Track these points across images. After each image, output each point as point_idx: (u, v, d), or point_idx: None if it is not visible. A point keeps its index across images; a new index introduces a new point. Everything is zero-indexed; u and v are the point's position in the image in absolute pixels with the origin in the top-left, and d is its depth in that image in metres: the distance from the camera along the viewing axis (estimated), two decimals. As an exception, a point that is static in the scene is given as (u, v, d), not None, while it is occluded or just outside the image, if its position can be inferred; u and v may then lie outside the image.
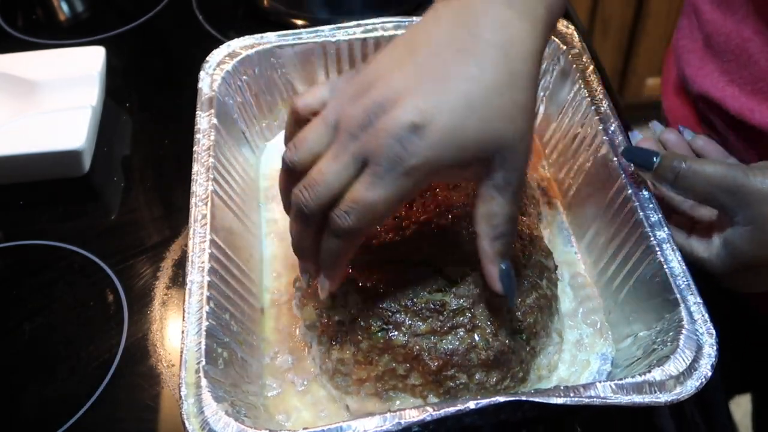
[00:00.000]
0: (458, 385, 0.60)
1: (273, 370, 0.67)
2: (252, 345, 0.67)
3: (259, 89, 0.85)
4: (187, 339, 0.59)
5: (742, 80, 0.75)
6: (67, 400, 0.70)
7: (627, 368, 0.62)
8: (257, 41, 0.84)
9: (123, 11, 1.15)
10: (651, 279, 0.63)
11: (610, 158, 0.70)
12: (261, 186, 0.84)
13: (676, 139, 0.73)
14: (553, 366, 0.66)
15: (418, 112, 0.50)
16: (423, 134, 0.50)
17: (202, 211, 0.68)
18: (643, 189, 0.67)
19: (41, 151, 0.85)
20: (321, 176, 0.53)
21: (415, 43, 0.54)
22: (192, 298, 0.61)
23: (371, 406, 0.62)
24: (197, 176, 0.71)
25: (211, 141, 0.74)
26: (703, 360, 0.55)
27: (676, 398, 0.53)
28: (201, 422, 0.54)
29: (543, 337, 0.65)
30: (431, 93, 0.50)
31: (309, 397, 0.65)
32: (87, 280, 0.80)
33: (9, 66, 0.94)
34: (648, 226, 0.64)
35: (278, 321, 0.71)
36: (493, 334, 0.61)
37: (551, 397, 0.53)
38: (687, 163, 0.61)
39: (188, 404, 0.55)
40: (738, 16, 0.74)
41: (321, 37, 0.84)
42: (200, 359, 0.58)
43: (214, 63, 0.82)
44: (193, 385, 0.56)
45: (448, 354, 0.60)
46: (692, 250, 0.65)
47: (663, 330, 0.60)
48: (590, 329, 0.69)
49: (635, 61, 2.06)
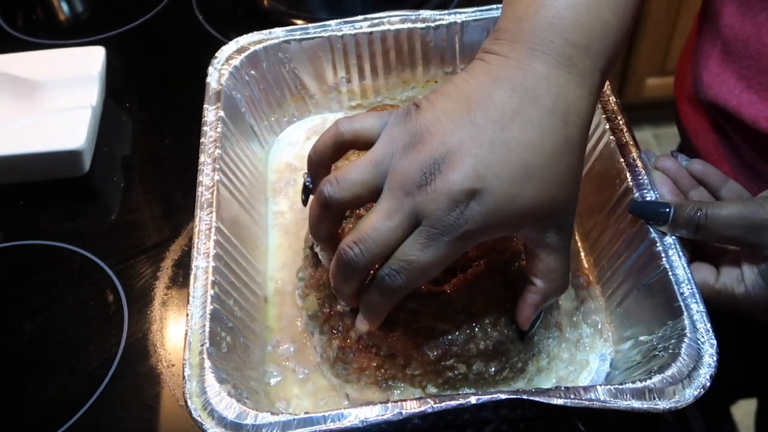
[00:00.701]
0: (457, 375, 0.61)
1: (275, 357, 0.68)
2: (255, 332, 0.67)
3: (267, 84, 0.86)
4: (191, 322, 0.60)
5: (761, 86, 0.74)
6: (67, 400, 0.70)
7: (626, 371, 0.63)
8: (265, 37, 0.85)
9: (123, 11, 1.15)
10: (655, 284, 0.62)
11: (617, 158, 0.70)
12: (269, 179, 0.84)
13: (673, 166, 0.70)
14: (552, 358, 0.66)
15: (476, 178, 0.49)
16: (480, 201, 0.50)
17: (209, 200, 0.68)
18: (652, 191, 0.66)
19: (41, 151, 0.85)
20: (374, 233, 0.52)
21: (473, 102, 0.52)
22: (197, 283, 0.62)
23: (371, 394, 0.63)
24: (203, 167, 0.71)
25: (217, 133, 0.74)
26: (703, 369, 0.55)
27: (674, 406, 0.53)
28: (203, 402, 0.55)
29: (542, 329, 0.65)
30: (490, 158, 0.50)
31: (309, 386, 0.66)
32: (87, 280, 0.80)
33: (9, 66, 0.94)
34: (654, 231, 0.64)
35: (281, 310, 0.72)
36: (492, 325, 0.61)
37: (552, 398, 0.53)
38: (702, 211, 0.60)
39: (191, 384, 0.56)
40: (758, 20, 0.73)
41: (328, 31, 0.85)
42: (204, 341, 0.58)
43: (223, 59, 0.83)
44: (197, 366, 0.57)
45: (447, 344, 0.60)
46: (725, 289, 0.63)
47: (665, 337, 0.60)
48: (590, 329, 0.69)
49: (635, 61, 2.06)
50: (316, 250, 0.67)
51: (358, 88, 0.89)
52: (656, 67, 2.08)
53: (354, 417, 0.52)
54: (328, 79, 0.88)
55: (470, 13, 0.85)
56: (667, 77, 2.11)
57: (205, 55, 0.83)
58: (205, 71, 0.81)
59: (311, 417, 0.53)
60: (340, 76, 0.88)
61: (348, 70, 0.88)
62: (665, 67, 2.07)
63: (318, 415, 0.53)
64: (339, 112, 0.91)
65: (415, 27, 0.85)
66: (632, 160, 0.69)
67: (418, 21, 0.85)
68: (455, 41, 0.86)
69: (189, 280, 0.62)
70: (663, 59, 2.05)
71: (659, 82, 2.12)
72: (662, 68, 2.08)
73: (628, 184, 0.68)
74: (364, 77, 0.88)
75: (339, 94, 0.90)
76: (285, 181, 0.84)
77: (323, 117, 0.91)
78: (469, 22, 0.85)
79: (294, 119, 0.90)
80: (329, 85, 0.89)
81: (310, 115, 0.91)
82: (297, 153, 0.87)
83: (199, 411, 0.54)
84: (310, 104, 0.90)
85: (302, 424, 0.53)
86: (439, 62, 0.88)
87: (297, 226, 0.79)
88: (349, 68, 0.87)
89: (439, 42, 0.86)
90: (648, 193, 0.66)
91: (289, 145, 0.88)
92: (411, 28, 0.85)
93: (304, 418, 0.53)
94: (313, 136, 0.88)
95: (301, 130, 0.89)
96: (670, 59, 2.05)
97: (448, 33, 0.85)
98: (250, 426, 0.53)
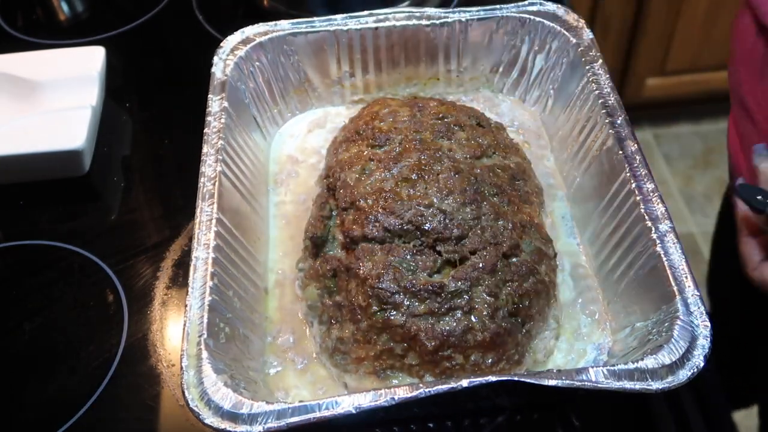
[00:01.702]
0: (454, 366, 0.61)
1: (275, 348, 0.69)
2: (255, 323, 0.68)
3: (272, 76, 0.86)
4: (189, 312, 0.60)
5: None
6: (67, 400, 0.70)
7: (623, 358, 0.63)
8: (271, 28, 0.85)
9: (123, 11, 1.15)
10: (651, 271, 0.63)
11: (616, 151, 0.70)
12: (270, 170, 0.85)
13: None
14: (549, 351, 0.66)
15: None
16: None
17: (210, 191, 0.68)
18: (648, 182, 0.67)
19: (41, 151, 0.85)
20: None
21: None
22: (197, 274, 0.62)
23: (369, 384, 0.63)
24: (206, 157, 0.72)
25: (221, 124, 0.75)
26: (697, 351, 0.56)
27: (668, 386, 0.53)
28: (200, 392, 0.55)
29: (539, 321, 0.66)
30: None
31: (308, 376, 0.67)
32: (87, 280, 0.80)
33: (9, 66, 0.94)
34: (650, 219, 0.64)
35: (281, 301, 0.72)
36: (490, 317, 0.62)
37: (543, 379, 0.53)
38: None
39: (189, 375, 0.56)
40: None
41: (334, 25, 0.85)
42: (202, 332, 0.59)
43: (228, 49, 0.83)
44: (194, 357, 0.57)
45: (445, 335, 0.61)
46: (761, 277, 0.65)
47: (659, 321, 0.60)
48: (589, 319, 0.69)
49: (635, 61, 2.06)
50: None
51: (361, 82, 0.90)
52: (656, 67, 2.08)
53: (348, 404, 0.53)
54: (332, 72, 0.89)
55: (474, 12, 0.86)
56: (667, 77, 2.11)
57: (205, 54, 0.83)
58: (206, 71, 0.81)
59: (305, 405, 0.53)
60: (343, 71, 0.89)
61: (352, 64, 0.88)
62: (665, 67, 2.07)
63: (312, 403, 0.53)
64: (341, 106, 0.91)
65: (420, 24, 0.85)
66: (630, 153, 0.69)
67: (423, 18, 0.85)
68: (458, 39, 0.87)
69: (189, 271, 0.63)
70: (663, 59, 2.05)
71: (659, 82, 2.12)
72: (662, 68, 2.08)
73: (626, 176, 0.68)
74: (368, 72, 0.89)
75: (342, 88, 0.90)
76: (287, 172, 0.84)
77: (325, 110, 0.91)
78: (473, 20, 0.85)
79: (296, 112, 0.90)
80: (333, 78, 0.89)
81: (312, 108, 0.91)
82: (299, 145, 0.87)
83: (196, 401, 0.54)
84: (313, 97, 0.90)
85: (297, 412, 0.53)
86: (442, 60, 0.89)
87: (298, 218, 0.79)
88: (353, 63, 0.88)
89: (443, 39, 0.87)
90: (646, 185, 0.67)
91: (290, 137, 0.88)
92: (416, 25, 0.85)
93: (298, 407, 0.53)
94: (315, 128, 0.89)
95: (303, 122, 0.90)
96: (670, 59, 2.04)
97: (452, 31, 0.86)
98: (246, 415, 0.53)
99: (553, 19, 0.84)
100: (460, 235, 0.65)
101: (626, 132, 0.72)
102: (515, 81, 0.90)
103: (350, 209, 0.69)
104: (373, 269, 0.64)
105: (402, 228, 0.66)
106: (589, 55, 0.80)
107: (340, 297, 0.65)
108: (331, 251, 0.69)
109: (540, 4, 0.86)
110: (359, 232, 0.66)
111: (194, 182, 0.70)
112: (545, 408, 0.66)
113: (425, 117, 0.77)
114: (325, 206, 0.72)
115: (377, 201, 0.68)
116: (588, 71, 0.78)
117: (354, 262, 0.65)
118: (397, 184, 0.69)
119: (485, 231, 0.66)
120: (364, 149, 0.74)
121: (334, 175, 0.74)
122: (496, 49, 0.88)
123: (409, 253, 0.65)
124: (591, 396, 0.62)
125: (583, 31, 0.83)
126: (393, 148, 0.73)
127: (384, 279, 0.63)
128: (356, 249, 0.66)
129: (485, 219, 0.67)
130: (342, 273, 0.66)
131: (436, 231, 0.65)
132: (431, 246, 0.65)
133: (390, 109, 0.79)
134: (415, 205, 0.67)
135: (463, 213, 0.67)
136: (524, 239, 0.67)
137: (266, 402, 0.54)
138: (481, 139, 0.75)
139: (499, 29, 0.86)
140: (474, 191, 0.68)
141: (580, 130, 0.78)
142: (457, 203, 0.67)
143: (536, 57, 0.86)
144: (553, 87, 0.85)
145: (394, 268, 0.63)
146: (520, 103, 0.90)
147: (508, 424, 0.64)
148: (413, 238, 0.66)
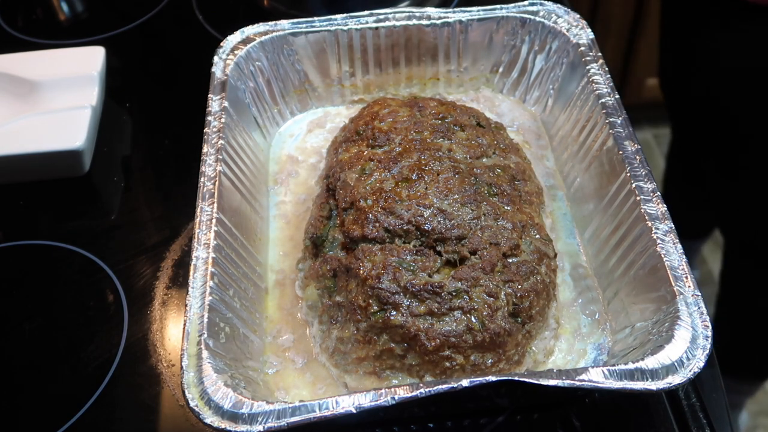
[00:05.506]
0: (454, 366, 0.61)
1: (275, 348, 0.69)
2: (255, 323, 0.68)
3: (272, 75, 0.86)
4: (189, 312, 0.60)
5: None
6: (67, 400, 0.70)
7: (623, 358, 0.63)
8: (271, 28, 0.85)
9: (123, 11, 1.15)
10: (651, 271, 0.63)
11: (616, 151, 0.70)
12: (270, 170, 0.85)
13: None
14: (549, 351, 0.66)
15: None
16: None
17: (210, 191, 0.69)
18: (648, 182, 0.67)
19: (41, 151, 0.85)
20: None
21: None
22: (197, 274, 0.63)
23: (369, 384, 0.63)
24: (206, 157, 0.72)
25: (221, 123, 0.75)
26: (697, 351, 0.56)
27: (668, 386, 0.54)
28: (200, 392, 0.55)
29: (539, 322, 0.66)
30: None
31: (308, 375, 0.67)
32: (87, 280, 0.80)
33: (9, 66, 0.94)
34: (650, 219, 0.64)
35: (281, 300, 0.72)
36: (490, 317, 0.62)
37: (543, 379, 0.53)
38: None
39: (189, 375, 0.56)
40: None
41: (334, 25, 0.85)
42: (202, 332, 0.59)
43: (228, 48, 0.83)
44: (194, 356, 0.57)
45: (445, 335, 0.61)
46: None
47: (659, 321, 0.60)
48: (589, 319, 0.69)
49: (635, 61, 2.06)
50: None
51: (361, 82, 0.90)
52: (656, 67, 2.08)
53: (348, 404, 0.53)
54: (332, 72, 0.89)
55: (474, 12, 0.86)
56: (667, 77, 2.10)
57: (205, 54, 0.83)
58: (206, 71, 0.81)
59: (305, 405, 0.53)
60: (344, 70, 0.89)
61: (352, 64, 0.88)
62: (665, 67, 2.07)
63: (312, 402, 0.53)
64: (341, 106, 0.91)
65: (421, 24, 0.85)
66: (630, 153, 0.69)
67: (423, 18, 0.85)
68: (459, 39, 0.87)
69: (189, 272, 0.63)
70: (663, 59, 2.05)
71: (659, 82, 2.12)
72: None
73: (626, 176, 0.68)
74: (368, 72, 0.89)
75: (342, 88, 0.90)
76: (287, 172, 0.84)
77: (325, 110, 0.91)
78: (474, 21, 0.85)
79: (296, 111, 0.91)
80: (333, 78, 0.89)
81: (312, 108, 0.91)
82: (298, 145, 0.87)
83: (197, 401, 0.55)
84: (313, 97, 0.91)
85: (296, 412, 0.53)
86: (442, 60, 0.89)
87: (298, 218, 0.79)
88: (353, 62, 0.88)
89: (443, 39, 0.87)
90: (646, 186, 0.66)
91: (290, 137, 0.89)
92: (416, 25, 0.85)
93: (298, 406, 0.53)
94: (315, 128, 0.89)
95: (303, 122, 0.90)
96: (671, 59, 2.04)
97: (452, 31, 0.86)
98: (245, 415, 0.53)
99: (553, 20, 0.85)
100: (460, 236, 0.65)
101: (626, 132, 0.72)
102: (515, 81, 0.90)
103: (350, 209, 0.69)
104: (373, 269, 0.64)
105: (402, 228, 0.66)
106: (589, 55, 0.80)
107: (340, 297, 0.65)
108: (331, 251, 0.69)
109: (540, 4, 0.86)
110: (359, 233, 0.66)
111: (194, 182, 0.70)
112: (545, 408, 0.66)
113: (425, 117, 0.77)
114: (325, 206, 0.73)
115: (377, 201, 0.68)
116: (588, 71, 0.78)
117: (354, 262, 0.65)
118: (397, 184, 0.69)
119: (485, 231, 0.66)
120: (364, 149, 0.74)
121: (334, 175, 0.74)
122: (497, 49, 0.88)
123: (409, 254, 0.65)
124: (591, 396, 0.61)
125: (583, 31, 0.83)
126: (393, 148, 0.73)
127: (384, 279, 0.63)
128: (356, 249, 0.66)
129: (485, 219, 0.67)
130: (342, 273, 0.66)
131: (436, 231, 0.65)
132: (431, 246, 0.65)
133: (390, 109, 0.79)
134: (414, 205, 0.67)
135: (463, 213, 0.67)
136: (524, 239, 0.67)
137: (266, 402, 0.54)
138: (481, 139, 0.75)
139: (499, 29, 0.86)
140: (474, 191, 0.68)
141: (580, 130, 0.78)
142: (457, 203, 0.67)
143: (536, 57, 0.87)
144: (553, 87, 0.85)
145: (394, 268, 0.63)
146: (520, 103, 0.90)
147: (508, 424, 0.64)
148: (413, 239, 0.66)
